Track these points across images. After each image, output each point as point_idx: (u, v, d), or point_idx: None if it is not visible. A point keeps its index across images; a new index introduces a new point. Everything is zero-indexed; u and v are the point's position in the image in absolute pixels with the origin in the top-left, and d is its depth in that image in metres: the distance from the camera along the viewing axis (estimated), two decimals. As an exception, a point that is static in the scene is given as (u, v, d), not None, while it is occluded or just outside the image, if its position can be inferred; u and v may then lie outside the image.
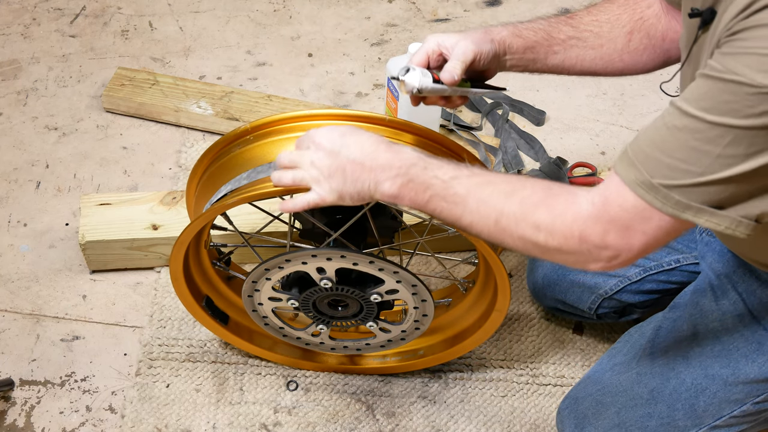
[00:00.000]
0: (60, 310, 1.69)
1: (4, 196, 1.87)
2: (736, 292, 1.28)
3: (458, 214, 1.08)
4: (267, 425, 1.54)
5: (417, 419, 1.56)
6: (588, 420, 1.36)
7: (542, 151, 1.97)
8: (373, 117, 1.22)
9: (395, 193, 1.10)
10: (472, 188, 1.07)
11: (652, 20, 1.31)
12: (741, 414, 1.29)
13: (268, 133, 1.24)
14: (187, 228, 1.29)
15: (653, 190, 0.97)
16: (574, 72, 1.33)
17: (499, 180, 1.07)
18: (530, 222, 1.03)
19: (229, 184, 1.24)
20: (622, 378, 1.36)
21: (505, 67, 1.29)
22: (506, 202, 1.05)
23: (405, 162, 1.09)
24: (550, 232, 1.03)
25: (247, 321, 1.55)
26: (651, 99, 2.16)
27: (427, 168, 1.09)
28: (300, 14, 2.34)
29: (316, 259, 1.28)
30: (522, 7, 2.36)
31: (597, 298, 1.53)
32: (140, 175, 1.93)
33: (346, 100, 2.12)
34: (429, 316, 1.40)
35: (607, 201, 1.00)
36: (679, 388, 1.30)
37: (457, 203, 1.07)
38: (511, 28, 1.28)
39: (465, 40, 1.21)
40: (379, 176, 1.09)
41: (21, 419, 1.54)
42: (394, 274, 1.30)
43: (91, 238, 1.67)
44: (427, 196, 1.09)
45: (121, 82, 2.05)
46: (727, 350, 1.27)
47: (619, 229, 1.00)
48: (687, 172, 0.95)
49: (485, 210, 1.06)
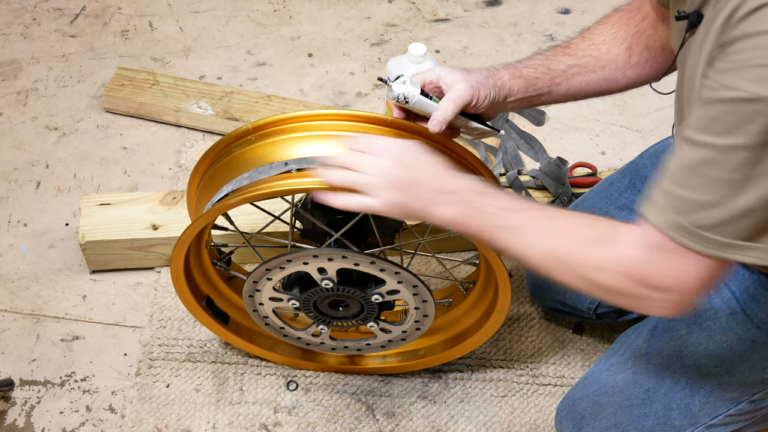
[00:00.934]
0: (60, 310, 1.69)
1: (4, 196, 1.87)
2: (728, 290, 1.28)
3: (517, 246, 1.09)
4: (267, 425, 1.54)
5: (417, 419, 1.56)
6: (585, 420, 1.37)
7: (542, 151, 1.97)
8: (375, 117, 1.22)
9: (452, 217, 1.10)
10: (532, 222, 1.08)
11: (649, 31, 1.31)
12: (737, 412, 1.29)
13: (270, 133, 1.23)
14: (189, 228, 1.29)
15: (688, 233, 0.96)
16: (580, 97, 1.34)
17: (560, 216, 1.08)
18: (589, 261, 1.04)
19: (231, 184, 1.24)
20: (618, 378, 1.36)
21: (506, 108, 1.30)
22: (565, 238, 1.06)
23: (469, 189, 1.10)
24: (609, 271, 1.02)
25: (247, 321, 1.55)
26: (651, 99, 2.16)
27: (489, 197, 1.09)
28: (300, 14, 2.34)
29: (318, 259, 1.28)
30: (522, 7, 2.36)
31: (596, 298, 1.53)
32: (140, 175, 1.93)
33: (346, 100, 2.12)
34: (430, 317, 1.40)
35: (648, 243, 0.99)
36: (674, 388, 1.30)
37: (515, 235, 1.08)
38: (511, 70, 1.27)
39: (464, 83, 1.20)
40: (441, 198, 1.10)
41: (21, 419, 1.54)
42: (396, 275, 1.30)
43: (91, 238, 1.67)
44: (487, 226, 1.09)
45: (121, 82, 2.05)
46: (721, 349, 1.27)
47: (666, 267, 0.99)
48: (717, 205, 0.93)
49: (544, 245, 1.07)
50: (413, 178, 1.11)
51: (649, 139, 2.05)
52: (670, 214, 0.97)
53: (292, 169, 1.18)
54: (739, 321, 1.26)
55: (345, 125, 1.21)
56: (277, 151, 1.21)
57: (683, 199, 0.95)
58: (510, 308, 1.70)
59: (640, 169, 1.50)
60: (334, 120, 1.22)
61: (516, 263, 1.78)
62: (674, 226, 0.97)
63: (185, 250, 1.35)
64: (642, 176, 1.48)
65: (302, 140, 1.21)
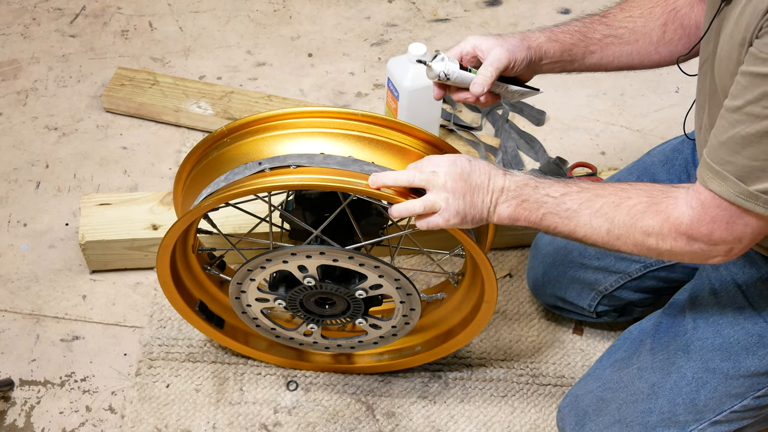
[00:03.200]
0: (60, 310, 1.69)
1: (4, 196, 1.87)
2: (735, 285, 1.29)
3: (572, 228, 1.15)
4: (267, 425, 1.54)
5: (417, 419, 1.56)
6: (589, 417, 1.37)
7: (542, 151, 1.97)
8: (346, 112, 1.23)
9: (511, 214, 1.16)
10: (583, 203, 1.14)
11: (685, 9, 1.33)
12: (742, 409, 1.29)
13: (244, 134, 1.25)
14: (168, 233, 1.30)
15: (752, 198, 1.02)
16: (611, 68, 1.37)
17: (607, 192, 1.14)
18: (639, 229, 1.11)
19: (209, 187, 1.26)
20: (622, 374, 1.36)
21: (541, 71, 1.33)
22: (616, 213, 1.12)
23: (518, 183, 1.16)
24: (660, 236, 1.10)
25: (242, 324, 1.55)
26: (651, 99, 2.16)
27: (538, 187, 1.15)
28: (300, 14, 2.34)
29: (296, 257, 1.29)
30: (522, 7, 2.36)
31: (597, 295, 1.53)
32: (140, 175, 1.93)
33: (346, 100, 2.12)
34: (417, 310, 1.39)
35: (704, 204, 1.06)
36: (679, 383, 1.30)
37: (570, 218, 1.14)
38: (548, 33, 1.31)
39: (500, 47, 1.24)
40: (497, 199, 1.16)
41: (21, 419, 1.54)
42: (375, 269, 1.30)
43: (91, 238, 1.67)
44: (540, 214, 1.15)
45: (121, 82, 2.05)
46: (728, 343, 1.27)
47: (723, 226, 1.06)
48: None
49: (597, 222, 1.13)
50: (472, 187, 1.15)
51: (649, 139, 2.05)
52: (734, 182, 1.02)
53: (265, 169, 1.20)
54: (747, 315, 1.27)
55: (316, 122, 1.23)
56: (252, 151, 1.24)
57: (746, 167, 1.00)
58: (510, 308, 1.71)
59: (648, 167, 1.50)
60: (306, 117, 1.24)
61: (516, 263, 1.78)
62: (738, 192, 1.02)
63: (169, 255, 1.36)
64: (650, 174, 1.49)
65: (274, 139, 1.23)
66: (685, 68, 1.31)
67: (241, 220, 1.57)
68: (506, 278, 1.76)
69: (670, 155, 1.49)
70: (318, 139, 1.22)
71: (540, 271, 1.60)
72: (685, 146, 1.48)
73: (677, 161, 1.47)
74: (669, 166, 1.48)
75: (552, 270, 1.57)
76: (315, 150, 1.21)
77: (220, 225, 1.42)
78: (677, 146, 1.50)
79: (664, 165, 1.49)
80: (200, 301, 1.51)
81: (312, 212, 1.35)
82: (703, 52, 1.20)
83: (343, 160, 1.19)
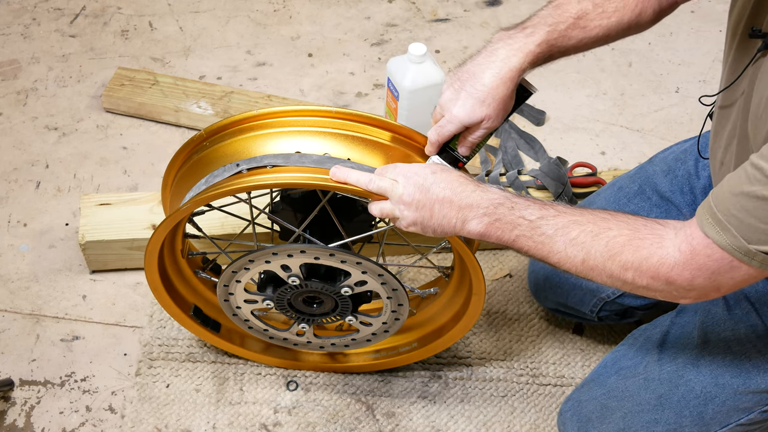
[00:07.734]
0: (60, 310, 1.69)
1: (4, 196, 1.87)
2: (748, 302, 1.28)
3: (545, 254, 1.11)
4: (267, 425, 1.54)
5: (417, 419, 1.56)
6: (592, 423, 1.36)
7: (542, 151, 1.97)
8: (323, 111, 1.24)
9: (482, 231, 1.13)
10: (558, 229, 1.10)
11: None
12: (747, 422, 1.29)
13: (222, 137, 1.27)
14: (152, 238, 1.31)
15: (749, 255, 0.98)
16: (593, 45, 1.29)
17: (585, 219, 1.10)
18: (618, 262, 1.06)
19: (192, 191, 1.27)
20: (628, 383, 1.35)
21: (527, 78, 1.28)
22: (593, 243, 1.08)
23: (492, 201, 1.12)
24: (638, 272, 1.05)
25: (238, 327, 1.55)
26: (651, 99, 2.16)
27: (513, 208, 1.12)
28: (300, 14, 2.34)
29: (278, 256, 1.29)
30: (522, 7, 2.36)
31: (599, 302, 1.52)
32: (140, 175, 1.93)
33: (346, 100, 2.12)
34: (405, 305, 1.39)
35: (695, 250, 1.02)
36: (687, 396, 1.30)
37: (544, 243, 1.11)
38: (530, 57, 1.23)
39: (455, 121, 1.22)
40: (467, 215, 1.13)
41: (21, 419, 1.54)
42: (358, 265, 1.30)
43: (91, 238, 1.67)
44: (513, 236, 1.12)
45: (121, 82, 2.05)
46: (739, 360, 1.27)
47: (707, 275, 1.02)
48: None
49: (572, 251, 1.09)
50: (434, 200, 1.13)
51: (649, 139, 2.05)
52: (734, 236, 0.98)
53: (243, 170, 1.22)
54: (759, 333, 1.26)
55: (293, 121, 1.24)
56: (231, 153, 1.25)
57: (753, 227, 0.97)
58: (510, 308, 1.71)
59: (650, 176, 1.49)
60: (282, 117, 1.25)
61: (516, 263, 1.78)
62: (736, 246, 0.98)
63: (155, 260, 1.37)
64: (652, 183, 1.48)
65: (253, 140, 1.25)
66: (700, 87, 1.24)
67: (235, 224, 1.59)
68: (506, 278, 1.76)
69: (672, 165, 1.48)
70: (295, 138, 1.24)
71: (541, 277, 1.59)
72: (688, 156, 1.46)
73: (679, 171, 1.46)
74: (671, 177, 1.46)
75: (553, 276, 1.56)
76: (292, 149, 1.23)
77: (215, 229, 1.43)
78: (680, 155, 1.48)
79: (666, 175, 1.47)
80: (195, 305, 1.51)
81: (299, 212, 1.37)
82: (729, 96, 1.16)
83: (319, 158, 1.21)
